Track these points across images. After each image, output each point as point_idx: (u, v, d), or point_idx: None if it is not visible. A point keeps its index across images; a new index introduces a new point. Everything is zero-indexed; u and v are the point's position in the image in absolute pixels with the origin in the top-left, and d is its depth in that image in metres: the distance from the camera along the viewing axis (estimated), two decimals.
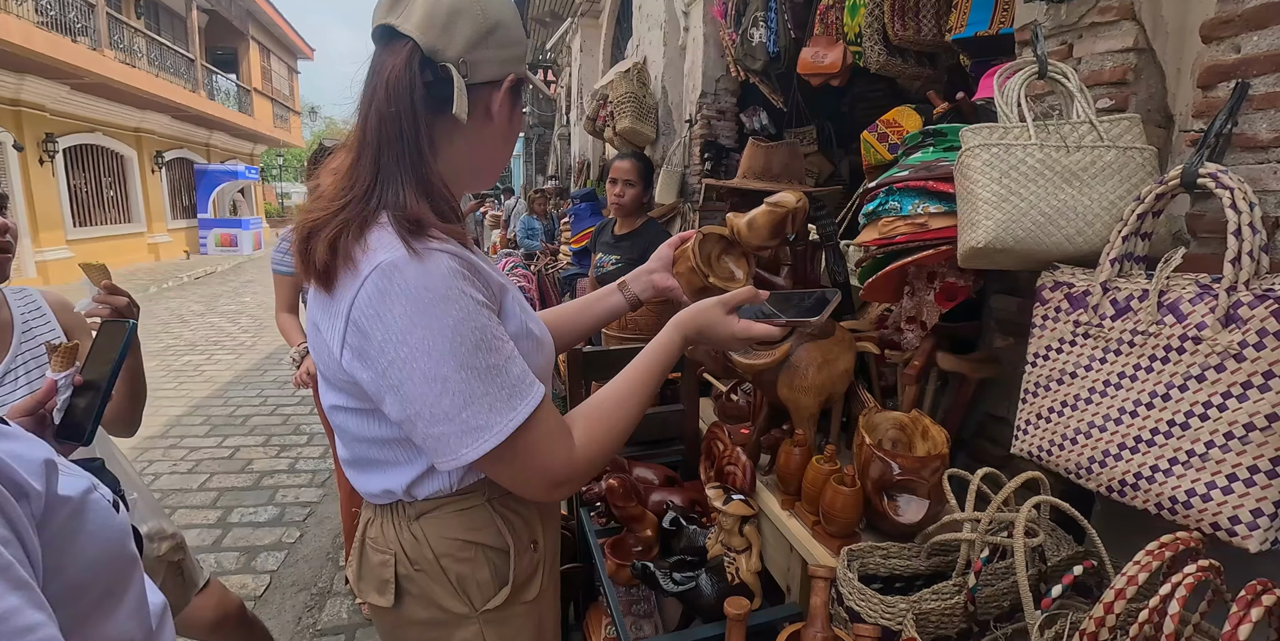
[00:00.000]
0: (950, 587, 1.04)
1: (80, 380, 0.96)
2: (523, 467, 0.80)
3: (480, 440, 0.76)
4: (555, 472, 0.81)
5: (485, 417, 0.75)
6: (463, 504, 0.91)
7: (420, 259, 0.75)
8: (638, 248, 2.67)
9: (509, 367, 0.78)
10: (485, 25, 0.82)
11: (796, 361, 1.38)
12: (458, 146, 0.88)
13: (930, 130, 1.41)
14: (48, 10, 10.11)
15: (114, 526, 0.55)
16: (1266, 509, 0.83)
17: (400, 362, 0.74)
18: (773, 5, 2.94)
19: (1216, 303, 0.87)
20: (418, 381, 0.74)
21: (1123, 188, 1.05)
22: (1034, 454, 1.13)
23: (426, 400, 0.75)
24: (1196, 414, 0.89)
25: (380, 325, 0.74)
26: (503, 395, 0.77)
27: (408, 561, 0.91)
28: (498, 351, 0.77)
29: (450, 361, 0.74)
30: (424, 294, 0.74)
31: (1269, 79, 0.95)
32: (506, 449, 0.77)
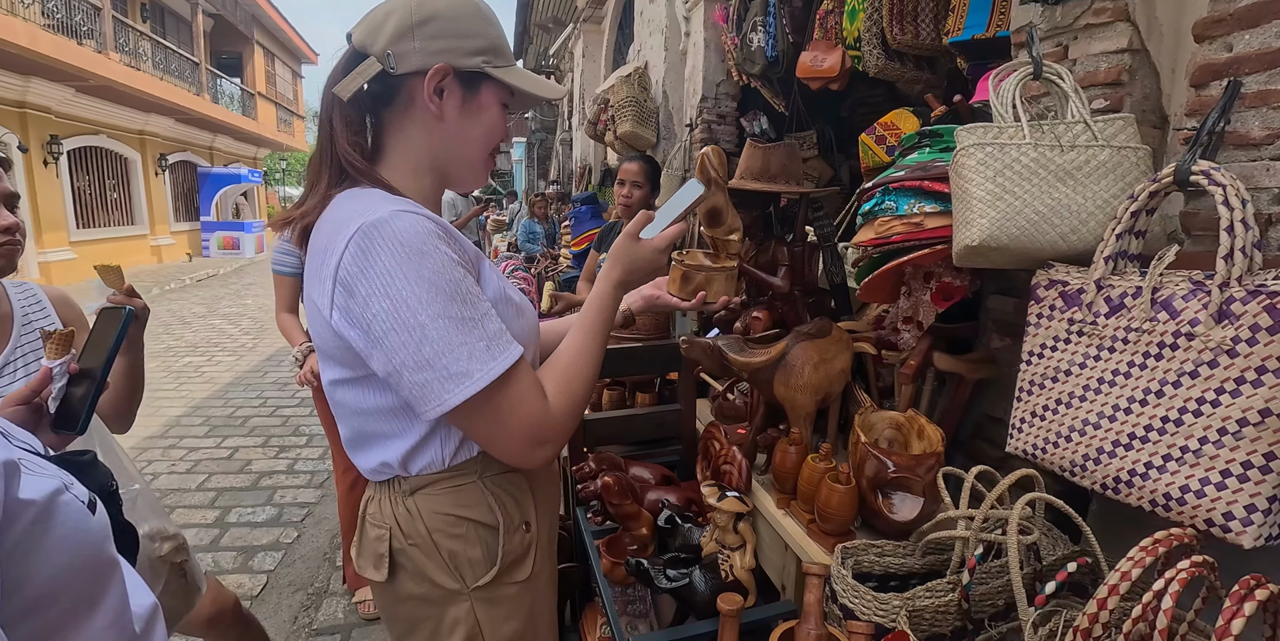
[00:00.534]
0: (944, 585, 1.04)
1: (75, 368, 0.96)
2: (504, 423, 0.83)
3: (461, 385, 0.78)
4: (535, 429, 0.84)
5: (465, 364, 0.79)
6: (456, 481, 0.93)
7: (398, 218, 0.79)
8: None
9: (485, 322, 0.82)
10: (414, 19, 0.86)
11: (792, 360, 1.38)
12: (412, 138, 0.93)
13: (926, 131, 1.41)
14: (54, 13, 10.16)
15: (88, 529, 0.52)
16: (1260, 504, 0.83)
17: (383, 314, 0.78)
18: (771, 10, 2.95)
19: (1209, 299, 0.87)
20: (400, 330, 0.78)
21: (1117, 186, 1.06)
22: (1029, 452, 1.13)
23: (409, 348, 0.78)
24: (1190, 410, 0.89)
25: (364, 280, 0.78)
26: (480, 346, 0.80)
27: (402, 536, 0.94)
28: (473, 306, 0.81)
29: (429, 309, 0.77)
30: (401, 248, 0.78)
31: (1261, 77, 0.96)
32: (486, 400, 0.80)
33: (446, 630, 0.96)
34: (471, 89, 0.93)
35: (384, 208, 0.81)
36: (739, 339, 1.39)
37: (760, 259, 1.69)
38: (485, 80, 0.93)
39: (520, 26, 10.28)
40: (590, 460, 1.53)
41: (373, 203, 0.83)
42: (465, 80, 0.91)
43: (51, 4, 10.13)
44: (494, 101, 0.95)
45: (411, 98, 0.91)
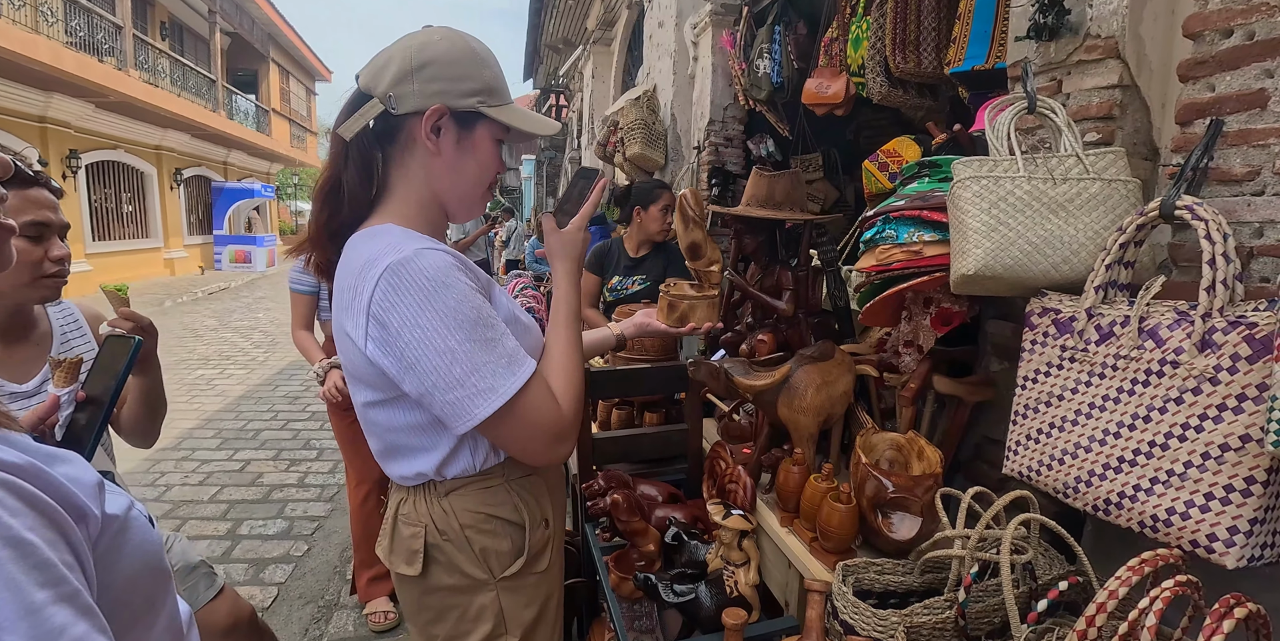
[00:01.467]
0: (942, 603, 1.08)
1: (83, 396, 0.98)
2: (527, 425, 0.92)
3: (490, 399, 0.88)
4: (553, 428, 0.94)
5: (491, 381, 0.89)
6: (485, 483, 1.04)
7: (420, 256, 0.89)
8: (659, 266, 2.74)
9: (504, 341, 0.92)
10: (413, 64, 0.95)
11: (796, 383, 1.42)
12: (413, 173, 1.01)
13: (926, 161, 1.46)
14: (77, 31, 10.41)
15: (151, 541, 0.57)
16: (1242, 526, 0.87)
17: (415, 343, 0.87)
18: (777, 37, 3.03)
19: (1193, 329, 0.92)
20: (431, 356, 0.87)
21: (1107, 218, 1.10)
22: (1024, 474, 1.16)
23: (440, 371, 0.88)
24: (1175, 435, 0.93)
25: (395, 314, 0.87)
26: (503, 362, 0.90)
27: (437, 532, 1.03)
28: (493, 328, 0.91)
29: (456, 335, 0.87)
30: (427, 283, 0.87)
31: (1241, 116, 1.01)
32: (510, 410, 0.90)
33: (473, 615, 1.05)
34: (467, 127, 1.00)
35: (407, 246, 0.90)
36: (745, 362, 1.44)
37: (766, 283, 1.73)
38: (480, 119, 1.00)
39: (530, 47, 10.45)
40: (599, 478, 1.57)
41: (395, 241, 0.92)
42: (461, 119, 0.99)
43: (75, 22, 10.38)
44: (488, 138, 1.03)
45: (411, 136, 0.99)
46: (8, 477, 0.43)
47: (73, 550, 0.46)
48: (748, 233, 1.72)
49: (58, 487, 0.46)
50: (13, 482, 0.43)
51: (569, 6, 7.79)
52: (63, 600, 0.42)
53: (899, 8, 2.29)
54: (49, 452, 0.51)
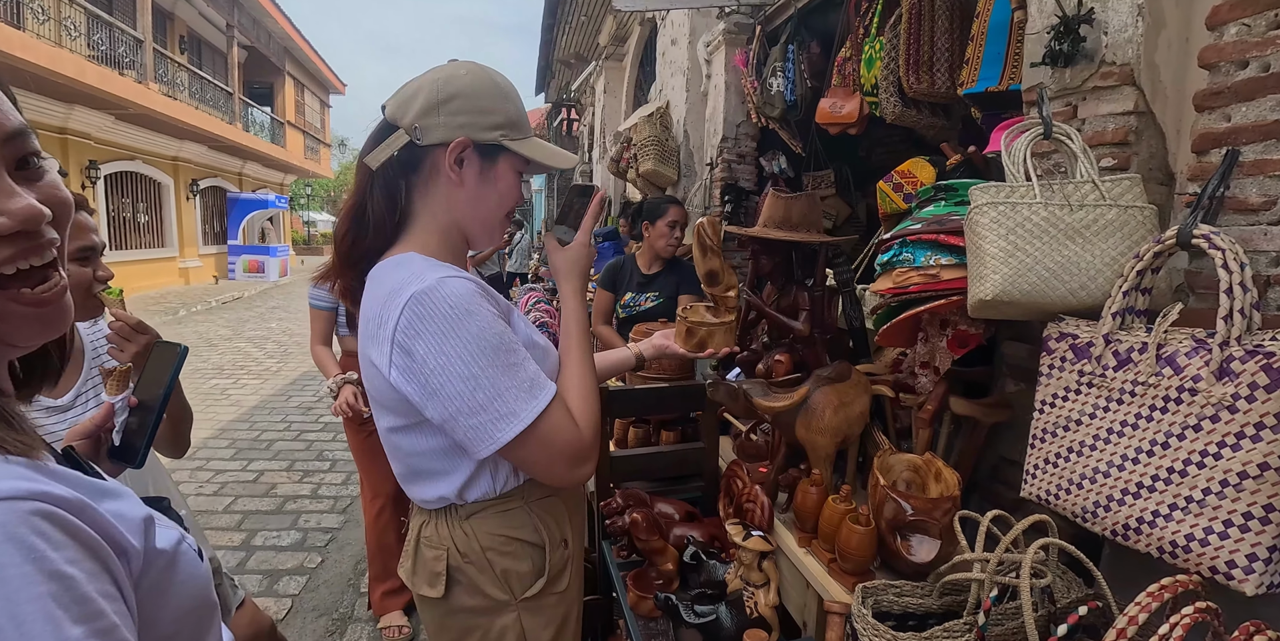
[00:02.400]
0: (961, 626, 1.08)
1: (134, 402, 1.02)
2: (548, 448, 0.94)
3: (512, 424, 0.91)
4: (573, 449, 0.96)
5: (513, 405, 0.91)
6: (505, 506, 1.06)
7: (444, 284, 0.92)
8: (672, 283, 2.76)
9: (525, 365, 0.94)
10: (439, 97, 0.98)
11: (814, 403, 1.44)
12: (437, 202, 1.04)
13: (942, 185, 1.48)
14: (99, 45, 10.61)
15: (200, 575, 0.58)
16: (1261, 554, 0.87)
17: (439, 370, 0.90)
18: (790, 56, 3.07)
19: (1211, 356, 0.93)
20: (455, 382, 0.90)
21: (1124, 245, 1.12)
22: (1042, 498, 1.17)
23: (464, 396, 0.90)
24: (1194, 462, 0.94)
25: (420, 342, 0.90)
26: (525, 386, 0.93)
27: (459, 554, 1.05)
28: (515, 352, 0.94)
29: (480, 361, 0.90)
30: (451, 311, 0.90)
31: (1257, 147, 1.03)
32: (533, 432, 0.92)
33: (495, 636, 1.07)
34: (489, 159, 1.03)
35: (430, 275, 0.93)
36: (763, 382, 1.46)
37: (782, 303, 1.75)
38: (502, 151, 1.03)
39: (543, 61, 10.57)
40: (618, 496, 1.58)
41: (418, 270, 0.95)
42: (483, 151, 1.02)
43: (97, 37, 10.58)
44: (509, 170, 1.05)
45: (435, 166, 1.02)
46: (52, 509, 0.43)
47: (115, 582, 0.46)
48: (764, 253, 1.75)
49: (102, 523, 0.47)
50: (56, 514, 0.43)
51: (581, 22, 7.89)
52: (98, 635, 0.42)
53: (912, 29, 2.32)
54: (98, 487, 0.51)
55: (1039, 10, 1.46)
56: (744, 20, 3.48)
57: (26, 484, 0.44)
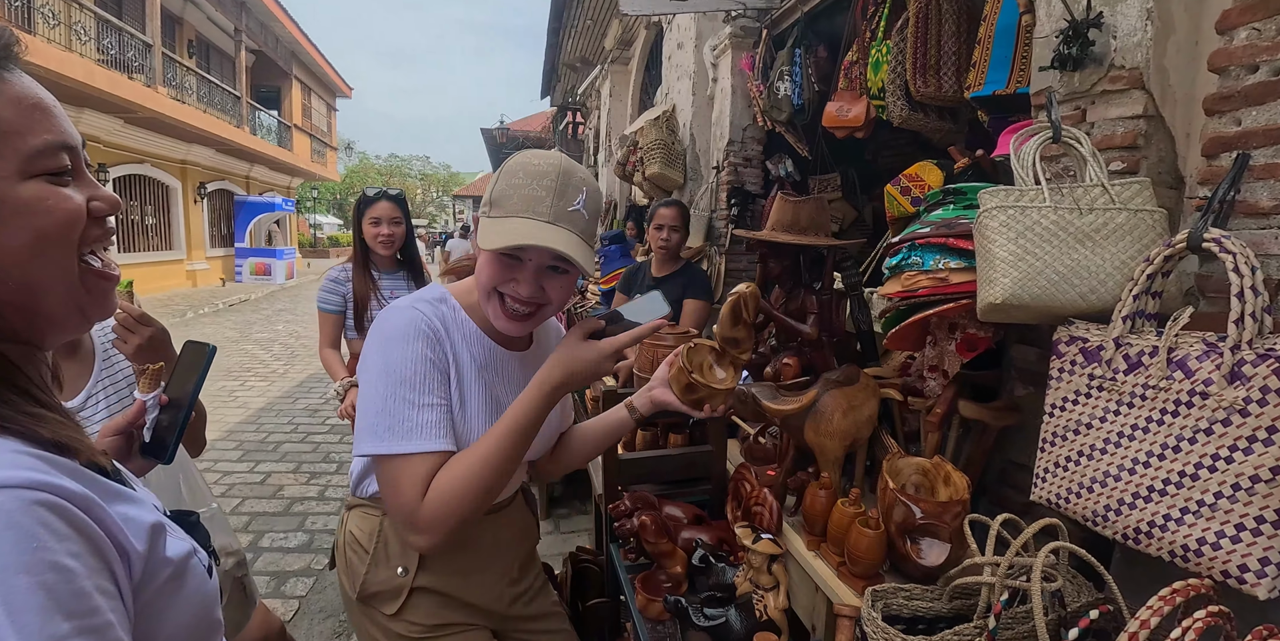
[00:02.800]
0: (971, 630, 1.08)
1: (165, 399, 1.04)
2: (386, 489, 0.98)
3: (368, 443, 0.96)
4: (401, 510, 0.96)
5: (381, 432, 0.95)
6: (371, 510, 1.18)
7: (401, 312, 1.02)
8: (678, 287, 2.78)
9: (419, 413, 0.97)
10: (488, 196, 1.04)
11: (822, 407, 1.44)
12: None
13: (950, 189, 1.49)
14: (108, 49, 10.68)
15: (206, 592, 0.57)
16: (1274, 557, 0.87)
17: (365, 373, 1.01)
18: (798, 60, 3.08)
19: (1222, 360, 0.93)
20: (364, 386, 1.00)
21: (1134, 248, 1.12)
22: (1052, 501, 1.17)
23: (364, 400, 0.99)
24: (1205, 466, 0.94)
25: (367, 351, 1.02)
26: (403, 427, 0.95)
27: (341, 535, 1.22)
28: (422, 394, 0.98)
29: (385, 381, 0.97)
30: (388, 332, 1.00)
31: (1268, 151, 1.03)
32: (383, 466, 0.97)
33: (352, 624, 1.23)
34: None
35: (418, 297, 1.07)
36: (772, 386, 1.46)
37: (790, 307, 1.76)
38: None
39: (548, 65, 10.58)
40: (626, 498, 1.59)
41: (421, 292, 1.10)
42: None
43: (107, 41, 10.65)
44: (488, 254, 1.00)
45: None
46: (59, 501, 0.44)
47: (115, 581, 0.46)
48: (773, 257, 1.75)
49: (108, 523, 0.47)
50: (63, 507, 0.44)
51: (587, 27, 7.90)
52: (87, 633, 0.42)
53: (919, 32, 2.32)
54: (114, 490, 0.52)
55: (1047, 14, 1.46)
56: (750, 24, 3.49)
57: (37, 475, 0.44)
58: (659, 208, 2.90)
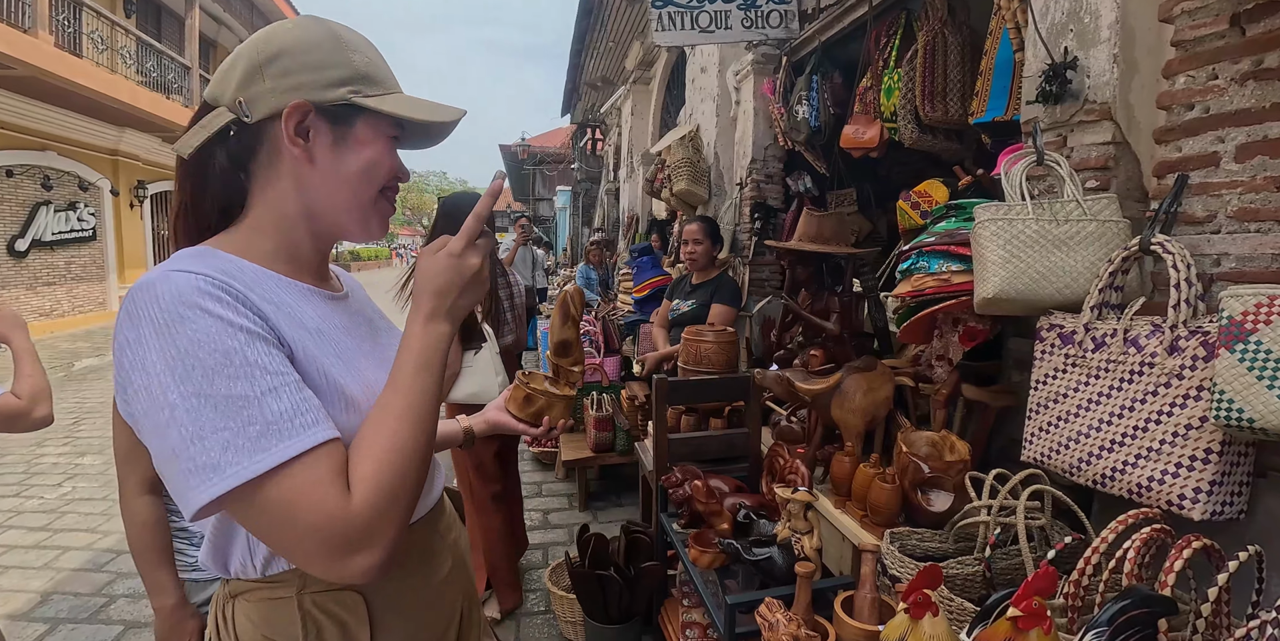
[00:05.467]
0: (972, 560, 1.34)
1: None
2: (285, 524, 0.64)
3: (208, 482, 0.62)
4: (330, 535, 0.64)
5: (217, 455, 0.63)
6: (270, 593, 0.79)
7: (167, 279, 0.68)
8: (707, 293, 3.12)
9: (265, 401, 0.66)
10: (260, 58, 0.77)
11: (846, 387, 1.70)
12: (281, 190, 0.82)
13: (952, 204, 1.75)
14: (150, 72, 11.21)
15: None
16: (1204, 487, 1.13)
17: (141, 391, 0.65)
18: (815, 85, 3.36)
19: (1164, 337, 1.19)
20: (153, 411, 0.65)
21: (1101, 252, 1.38)
22: (1038, 459, 1.43)
23: (156, 433, 0.65)
24: (1152, 420, 1.19)
25: (128, 352, 0.66)
26: (249, 431, 0.64)
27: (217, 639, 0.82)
28: (249, 380, 0.66)
29: (179, 387, 0.64)
30: (160, 314, 0.66)
31: (1201, 172, 1.29)
32: (251, 498, 0.64)
33: None
34: (344, 124, 0.80)
35: (165, 266, 0.70)
36: (803, 370, 1.72)
37: (815, 307, 2.02)
38: (360, 113, 0.81)
39: (570, 84, 10.97)
40: (676, 471, 1.85)
41: (171, 261, 0.72)
42: (333, 116, 0.80)
43: (149, 64, 11.18)
44: (375, 136, 0.82)
45: (275, 146, 0.80)
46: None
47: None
48: (799, 264, 2.02)
49: None
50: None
51: (609, 48, 8.27)
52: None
53: (927, 62, 2.60)
54: None
55: (1033, 56, 1.73)
56: (771, 51, 3.78)
57: None
58: (685, 225, 3.21)
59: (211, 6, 13.34)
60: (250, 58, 0.78)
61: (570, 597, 2.30)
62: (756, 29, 3.54)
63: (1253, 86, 1.21)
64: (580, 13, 7.82)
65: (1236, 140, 1.24)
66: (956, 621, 1.18)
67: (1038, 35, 1.68)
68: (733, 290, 3.14)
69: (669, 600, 2.07)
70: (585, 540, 2.20)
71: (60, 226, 10.69)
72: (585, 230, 12.14)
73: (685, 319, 3.10)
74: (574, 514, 3.86)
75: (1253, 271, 1.21)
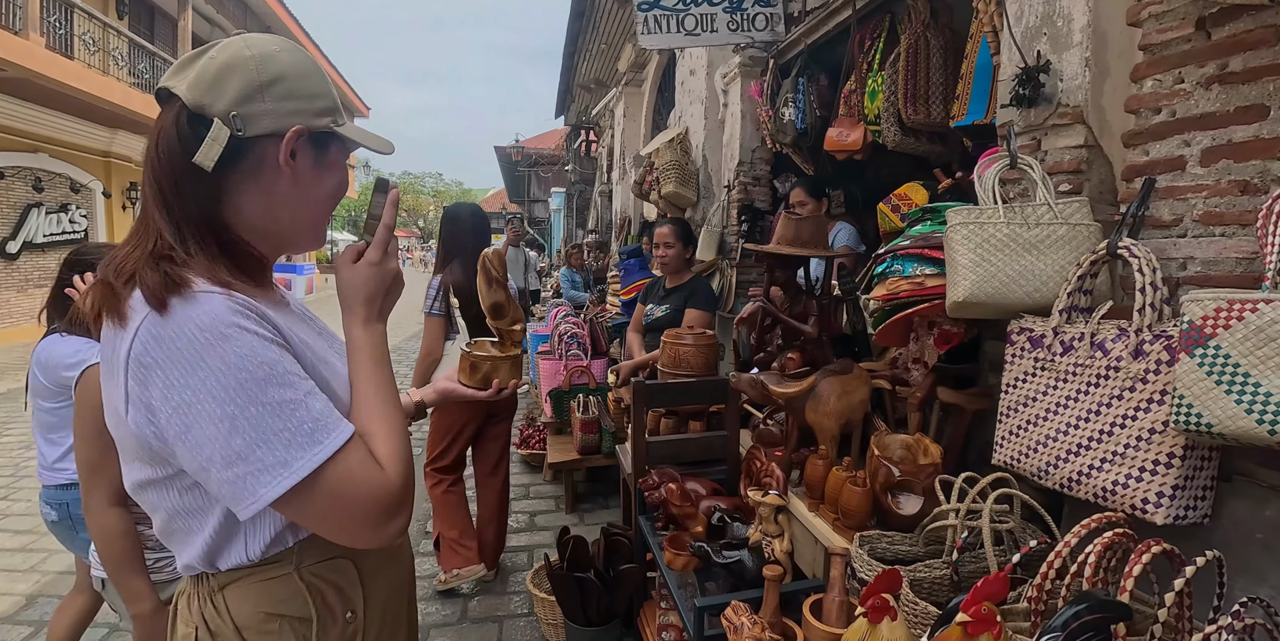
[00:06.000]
0: (940, 564, 1.34)
1: None
2: (344, 503, 0.77)
3: (280, 477, 0.73)
4: (379, 500, 0.78)
5: (284, 453, 0.73)
6: (267, 574, 0.87)
7: (194, 301, 0.74)
8: (681, 298, 3.09)
9: (307, 403, 0.76)
10: (262, 79, 0.82)
11: (820, 391, 1.70)
12: (254, 201, 0.86)
13: (929, 208, 1.75)
14: (142, 73, 11.19)
15: None
16: (1167, 491, 1.13)
17: (185, 407, 0.72)
18: (801, 88, 3.36)
19: (1129, 341, 1.19)
20: (205, 423, 0.72)
21: (1071, 256, 1.38)
22: (1008, 462, 1.43)
23: (217, 442, 0.72)
24: (1117, 424, 1.19)
25: (160, 372, 0.72)
26: (304, 430, 0.75)
27: (209, 634, 0.87)
28: (292, 387, 0.76)
29: (238, 397, 0.72)
30: (200, 334, 0.72)
31: (1168, 176, 1.29)
32: (314, 486, 0.74)
33: None
34: (322, 149, 0.90)
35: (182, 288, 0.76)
36: (778, 373, 1.72)
37: (794, 310, 2.02)
38: (333, 139, 0.91)
39: (563, 86, 10.97)
40: (653, 474, 1.85)
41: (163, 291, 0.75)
42: (315, 141, 0.88)
43: (141, 66, 11.15)
44: (341, 160, 0.93)
45: (260, 160, 0.85)
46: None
47: None
48: (778, 267, 2.02)
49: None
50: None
51: (601, 50, 8.27)
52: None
53: (910, 65, 2.60)
54: None
55: (1008, 60, 1.74)
56: (758, 54, 3.79)
57: None
58: (656, 227, 3.18)
59: (204, 8, 13.31)
60: (248, 75, 0.82)
61: (551, 600, 2.29)
62: (742, 32, 3.55)
63: (1218, 90, 1.22)
64: (572, 15, 7.82)
65: (1202, 144, 1.24)
66: (922, 625, 1.18)
67: (1012, 39, 1.68)
68: (707, 294, 3.13)
69: (648, 602, 2.07)
70: (565, 542, 2.19)
71: (52, 228, 10.66)
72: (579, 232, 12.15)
73: (659, 324, 3.08)
74: (561, 516, 3.85)
75: (1218, 275, 1.22)
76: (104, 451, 1.33)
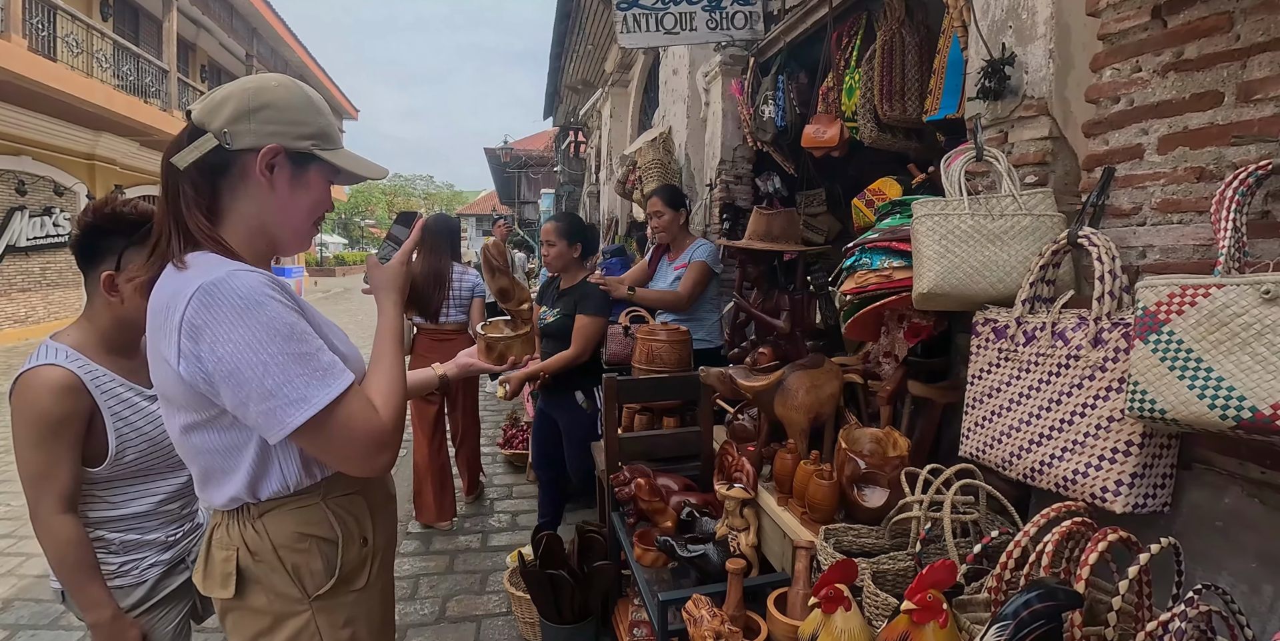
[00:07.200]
0: (903, 555, 1.33)
1: None
2: (345, 434, 0.98)
3: (303, 409, 0.93)
4: (373, 435, 0.99)
5: (304, 391, 0.94)
6: (300, 502, 1.08)
7: (234, 276, 0.95)
8: (571, 302, 2.87)
9: (319, 356, 0.97)
10: (250, 105, 1.02)
11: (789, 385, 1.69)
12: (245, 206, 1.06)
13: (898, 201, 1.75)
14: (127, 75, 11.11)
15: None
16: (1125, 480, 1.12)
17: (229, 356, 0.92)
18: (780, 85, 3.36)
19: (1088, 330, 1.18)
20: (245, 369, 0.92)
21: (1034, 246, 1.38)
22: (974, 454, 1.42)
23: (254, 382, 0.92)
24: (1077, 413, 1.19)
25: (209, 331, 0.92)
26: (318, 374, 0.96)
27: (249, 553, 1.06)
28: (306, 342, 0.97)
29: (269, 348, 0.93)
30: (240, 301, 0.93)
31: (1126, 165, 1.29)
32: (327, 419, 0.95)
33: (289, 634, 1.08)
34: (301, 167, 1.08)
35: (220, 268, 0.96)
36: (746, 368, 1.71)
37: (766, 305, 2.02)
38: (314, 160, 1.08)
39: (551, 88, 10.97)
40: (625, 470, 1.83)
41: (210, 265, 0.97)
42: (295, 159, 1.06)
43: (125, 67, 11.08)
44: (321, 179, 1.11)
45: (244, 170, 1.04)
46: None
47: None
48: (750, 262, 2.02)
49: None
50: None
51: (588, 51, 8.26)
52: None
53: (885, 62, 2.60)
54: None
55: (975, 53, 1.74)
56: (739, 52, 3.78)
57: None
58: (542, 224, 2.99)
59: (190, 9, 13.23)
60: (242, 102, 1.02)
61: (527, 598, 2.27)
62: (722, 30, 3.54)
63: (1174, 78, 1.22)
64: (558, 16, 7.82)
65: (1159, 132, 1.24)
66: (883, 616, 1.17)
67: (978, 32, 1.69)
68: (598, 299, 2.83)
69: (622, 599, 2.06)
70: (539, 540, 2.18)
71: (35, 232, 10.56)
72: None
73: (552, 330, 2.88)
74: None
75: (1176, 263, 1.21)
76: (48, 459, 1.30)
